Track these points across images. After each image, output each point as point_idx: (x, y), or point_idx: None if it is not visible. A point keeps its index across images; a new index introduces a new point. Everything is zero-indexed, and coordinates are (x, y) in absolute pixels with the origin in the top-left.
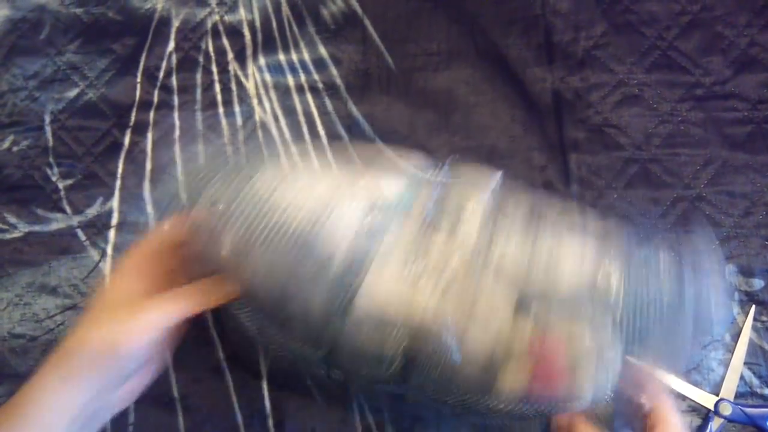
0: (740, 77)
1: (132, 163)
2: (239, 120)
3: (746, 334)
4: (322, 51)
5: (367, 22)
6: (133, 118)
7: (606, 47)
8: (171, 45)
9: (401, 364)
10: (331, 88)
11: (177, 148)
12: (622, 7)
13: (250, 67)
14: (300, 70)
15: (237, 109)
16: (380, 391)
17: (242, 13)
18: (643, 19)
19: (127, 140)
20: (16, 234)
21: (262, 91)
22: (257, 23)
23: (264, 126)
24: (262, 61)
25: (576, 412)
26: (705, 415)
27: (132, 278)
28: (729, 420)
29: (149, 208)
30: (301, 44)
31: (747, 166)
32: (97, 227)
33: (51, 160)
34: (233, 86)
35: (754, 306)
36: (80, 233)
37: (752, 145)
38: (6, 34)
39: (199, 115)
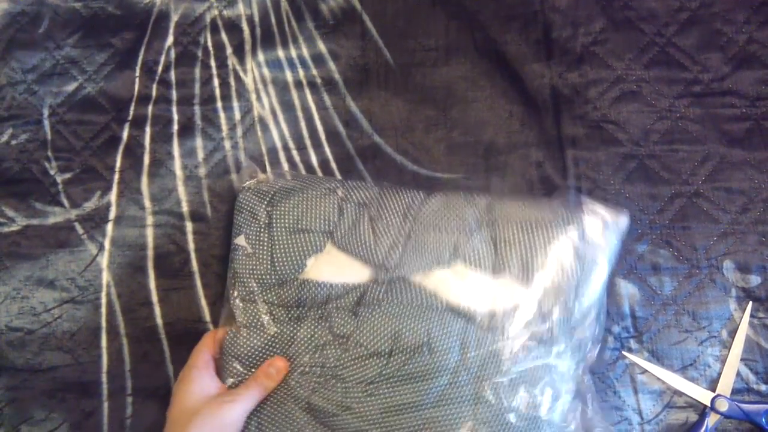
0: (738, 74)
1: (130, 157)
2: (237, 115)
3: (743, 330)
4: (321, 46)
5: (365, 18)
6: (131, 112)
7: (604, 43)
8: (170, 39)
9: None
10: (329, 83)
11: (175, 142)
12: (620, 3)
13: (249, 62)
14: (298, 66)
15: (235, 103)
16: None
17: (241, 8)
18: (641, 15)
19: (125, 134)
20: (14, 227)
21: (260, 86)
22: (256, 18)
23: (262, 121)
24: (260, 56)
25: None
26: (701, 411)
27: (201, 380)
28: (725, 416)
29: (147, 202)
30: (300, 40)
31: (745, 162)
32: (95, 221)
33: (49, 153)
34: (232, 81)
35: (751, 302)
36: (78, 227)
37: (750, 142)
38: (5, 27)
39: (197, 110)
